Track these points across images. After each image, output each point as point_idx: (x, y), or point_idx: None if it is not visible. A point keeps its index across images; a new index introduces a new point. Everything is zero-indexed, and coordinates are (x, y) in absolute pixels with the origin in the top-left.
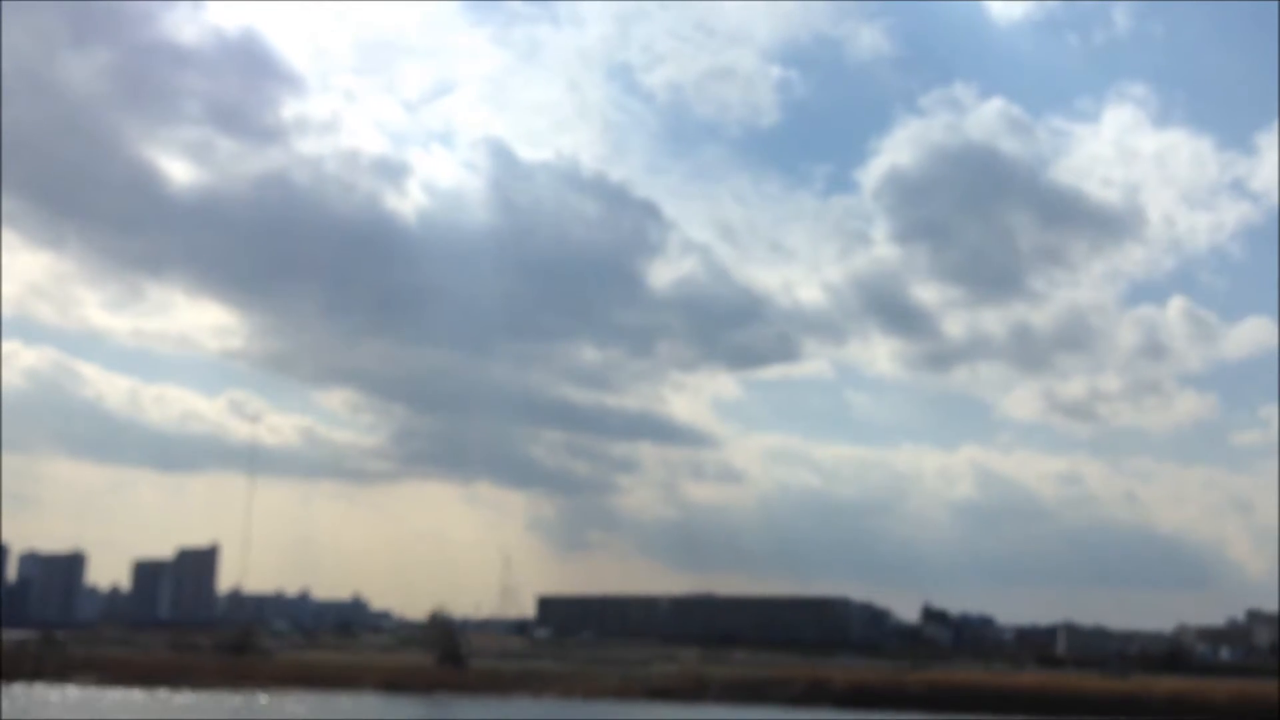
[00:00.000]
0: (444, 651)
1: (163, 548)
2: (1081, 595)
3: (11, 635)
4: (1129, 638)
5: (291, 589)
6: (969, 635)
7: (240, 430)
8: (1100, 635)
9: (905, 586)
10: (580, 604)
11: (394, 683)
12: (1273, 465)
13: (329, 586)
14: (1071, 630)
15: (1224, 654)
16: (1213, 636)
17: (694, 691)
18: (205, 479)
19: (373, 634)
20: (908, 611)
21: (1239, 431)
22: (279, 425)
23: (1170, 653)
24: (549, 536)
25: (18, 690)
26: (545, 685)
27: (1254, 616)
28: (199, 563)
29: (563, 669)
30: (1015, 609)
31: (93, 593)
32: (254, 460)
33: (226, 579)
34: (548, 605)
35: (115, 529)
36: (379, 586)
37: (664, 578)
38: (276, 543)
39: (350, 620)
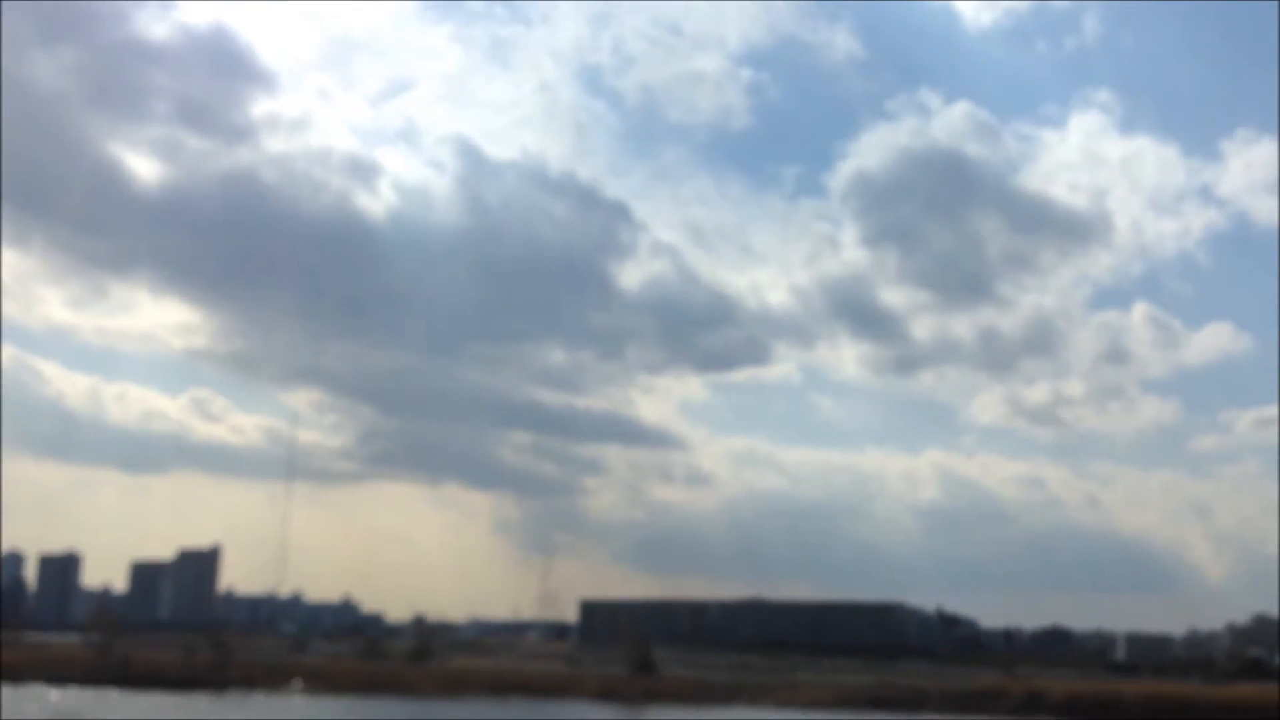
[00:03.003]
0: (639, 661)
1: (134, 548)
2: (1044, 598)
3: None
4: (1156, 642)
5: (265, 590)
6: (1021, 643)
7: (202, 429)
8: (1161, 641)
9: (871, 589)
10: (627, 608)
11: (606, 692)
12: (1232, 470)
13: (309, 588)
14: (1102, 635)
15: (1278, 659)
16: (1241, 639)
17: (913, 702)
18: (170, 479)
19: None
20: None
21: (1199, 437)
22: (242, 425)
23: (1251, 660)
24: (515, 539)
25: (275, 702)
26: (757, 695)
27: (1262, 620)
28: (200, 564)
29: (766, 680)
30: (981, 611)
31: (86, 594)
32: (292, 469)
33: (223, 581)
34: (590, 610)
35: (81, 530)
36: (354, 587)
37: (630, 580)
38: (245, 542)
39: (342, 623)
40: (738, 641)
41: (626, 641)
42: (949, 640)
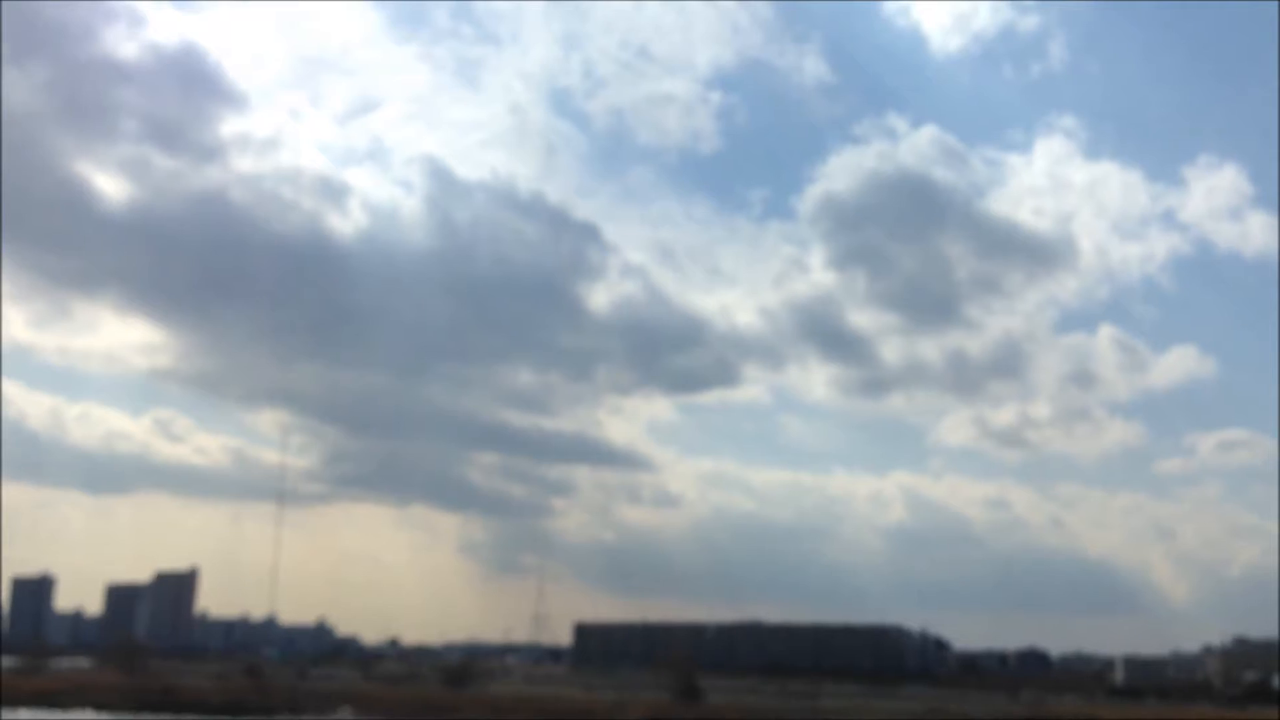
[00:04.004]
0: (684, 687)
1: (101, 570)
2: (1010, 619)
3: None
4: (1152, 666)
5: (237, 612)
6: (1012, 666)
7: (166, 450)
8: (1157, 665)
9: (839, 610)
10: (621, 631)
11: (656, 717)
12: (1194, 492)
13: (280, 611)
14: (1082, 657)
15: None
16: (1233, 662)
17: None
18: (133, 500)
19: (379, 663)
20: None
21: (1164, 459)
22: (207, 446)
23: (1255, 684)
24: (482, 560)
25: None
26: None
27: (1242, 643)
28: (177, 587)
29: (814, 705)
30: (949, 633)
31: (59, 617)
32: (284, 493)
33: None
34: (585, 632)
35: (47, 552)
36: (326, 610)
37: (598, 601)
38: (213, 564)
39: (320, 646)
40: (735, 664)
41: (675, 668)
42: (942, 663)
